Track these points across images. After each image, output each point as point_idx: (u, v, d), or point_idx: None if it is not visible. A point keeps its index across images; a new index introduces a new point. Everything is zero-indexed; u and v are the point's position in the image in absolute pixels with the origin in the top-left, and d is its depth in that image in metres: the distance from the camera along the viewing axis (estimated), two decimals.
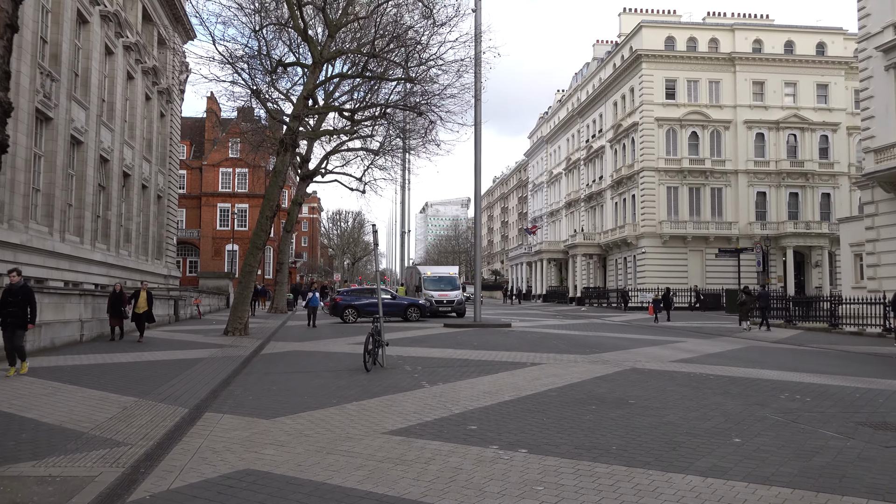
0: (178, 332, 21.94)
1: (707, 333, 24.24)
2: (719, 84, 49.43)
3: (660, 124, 48.69)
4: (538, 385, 10.86)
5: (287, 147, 22.29)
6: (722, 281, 46.42)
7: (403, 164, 37.76)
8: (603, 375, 12.05)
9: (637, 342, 19.82)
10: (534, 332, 23.82)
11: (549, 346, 18.18)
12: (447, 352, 16.29)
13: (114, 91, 29.96)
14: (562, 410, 8.76)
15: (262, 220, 22.11)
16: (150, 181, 36.50)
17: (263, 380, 11.78)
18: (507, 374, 12.31)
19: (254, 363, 14.41)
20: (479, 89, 22.84)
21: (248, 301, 21.46)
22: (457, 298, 33.29)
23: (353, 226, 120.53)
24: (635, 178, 50.16)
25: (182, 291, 32.67)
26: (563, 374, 12.26)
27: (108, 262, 28.95)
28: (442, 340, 19.78)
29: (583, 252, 57.79)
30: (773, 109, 49.31)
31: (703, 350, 17.69)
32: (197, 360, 13.93)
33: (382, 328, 13.63)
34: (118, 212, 31.18)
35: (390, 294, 30.18)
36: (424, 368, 13.13)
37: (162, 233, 39.84)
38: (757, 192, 49.40)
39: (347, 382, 11.33)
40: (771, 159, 49.32)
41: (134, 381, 11.08)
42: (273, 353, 16.46)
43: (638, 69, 49.56)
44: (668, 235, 47.67)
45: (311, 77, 22.45)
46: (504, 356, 15.35)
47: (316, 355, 15.91)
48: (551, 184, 74.93)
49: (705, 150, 49.01)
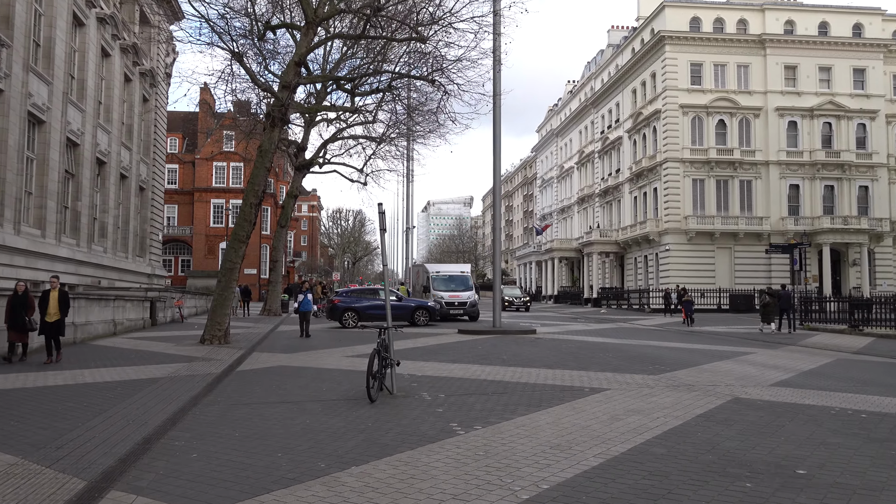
0: (145, 340, 18.50)
1: (762, 341, 20.74)
2: (748, 68, 45.83)
3: (684, 111, 45.11)
4: (624, 430, 7.40)
5: (275, 122, 18.82)
6: (752, 281, 42.94)
7: (408, 152, 34.13)
8: (706, 413, 8.55)
9: (698, 354, 16.35)
10: (566, 339, 20.36)
11: (597, 360, 14.72)
12: (472, 369, 12.84)
13: (85, 67, 26.69)
14: (698, 490, 5.29)
15: (246, 209, 18.72)
16: (131, 171, 33.14)
17: (226, 418, 8.33)
18: (567, 407, 8.86)
19: (223, 387, 10.98)
20: (498, 51, 19.34)
21: (228, 303, 18.00)
22: (470, 300, 29.80)
23: (353, 224, 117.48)
24: (657, 169, 46.58)
25: (162, 292, 29.19)
26: (646, 408, 8.79)
27: (77, 259, 25.60)
28: (460, 351, 16.35)
29: (599, 250, 54.18)
30: (806, 96, 45.73)
31: (790, 365, 14.22)
32: (149, 382, 10.53)
33: (392, 341, 10.19)
34: (91, 203, 27.87)
35: (396, 295, 26.78)
36: (449, 396, 9.70)
37: (145, 228, 36.51)
38: (789, 185, 45.81)
39: (344, 424, 7.89)
40: (804, 149, 45.72)
41: (39, 419, 7.72)
42: (252, 371, 13.02)
43: (661, 52, 45.98)
44: (694, 231, 44.12)
45: (303, 39, 18.99)
46: (548, 376, 11.90)
47: (305, 373, 12.46)
48: (562, 179, 71.33)
49: (734, 140, 45.44)
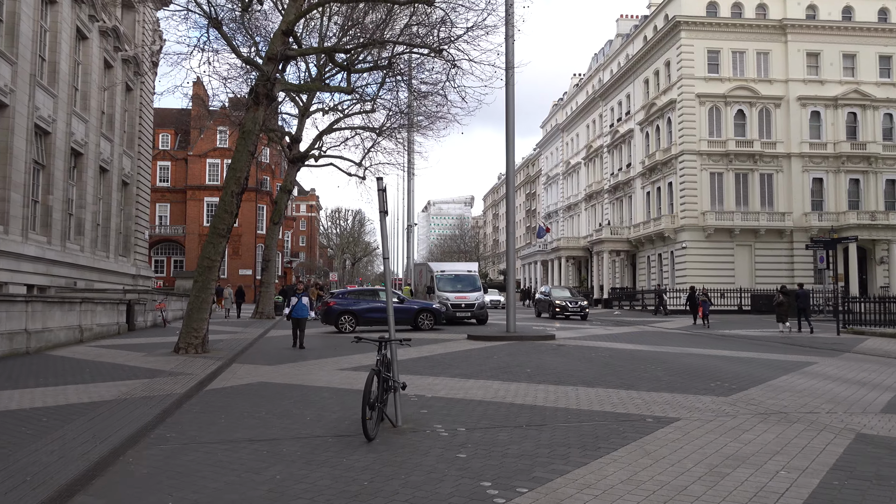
0: (113, 349, 16.09)
1: (810, 346, 18.31)
2: (769, 55, 43.34)
3: (701, 101, 42.64)
4: (742, 498, 5.00)
5: (260, 98, 16.42)
6: (774, 280, 40.29)
7: (409, 142, 31.55)
8: (839, 463, 6.12)
9: (755, 366, 13.94)
10: (592, 347, 17.93)
11: (641, 374, 12.29)
12: (493, 387, 10.45)
13: (57, 49, 24.37)
14: None
15: (227, 199, 16.33)
16: (113, 164, 30.76)
17: (166, 469, 5.93)
18: (636, 450, 6.47)
19: (182, 413, 8.60)
20: (511, 16, 16.97)
21: (206, 306, 15.59)
22: (477, 302, 27.34)
23: (353, 224, 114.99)
24: (673, 162, 44.12)
25: (143, 294, 26.79)
26: (748, 452, 6.39)
27: (47, 258, 23.26)
28: (475, 363, 13.93)
29: (609, 248, 51.67)
30: (829, 84, 43.24)
31: (876, 381, 11.81)
32: (89, 409, 8.17)
33: (395, 358, 7.78)
34: (65, 197, 25.53)
35: (398, 297, 24.38)
36: (471, 431, 7.32)
37: (129, 225, 34.15)
38: (812, 179, 43.27)
39: (330, 481, 5.50)
40: (828, 141, 43.22)
41: None
42: (225, 390, 10.63)
43: (676, 39, 43.52)
44: (713, 228, 41.63)
45: (292, 4, 16.61)
46: (591, 398, 9.50)
47: (289, 394, 10.06)
48: (568, 175, 68.84)
49: (753, 131, 42.96)
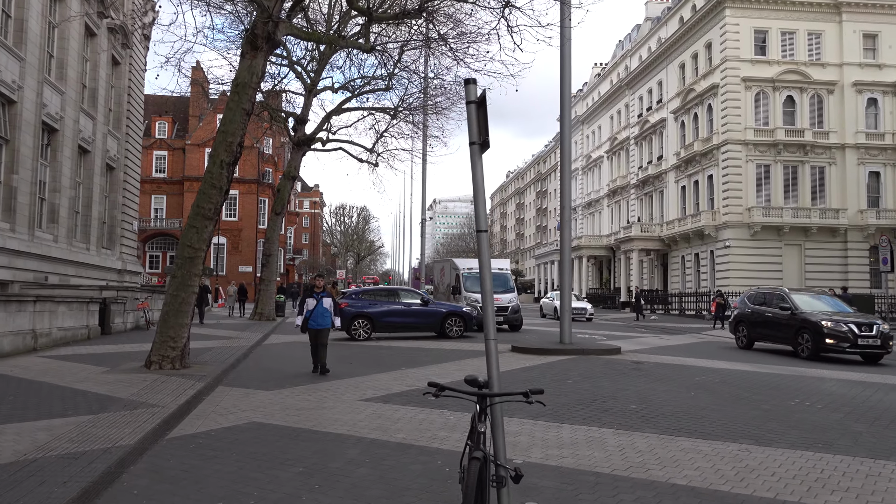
0: (70, 361, 12.39)
1: None
2: (821, 37, 39.57)
3: (747, 86, 38.86)
4: None
5: (259, 42, 12.71)
6: (826, 283, 36.50)
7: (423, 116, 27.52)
8: None
9: None
10: (678, 366, 14.14)
11: (804, 416, 8.51)
12: (610, 444, 6.74)
13: (26, 5, 20.64)
14: None
15: (215, 170, 12.78)
16: (95, 145, 27.01)
17: None
18: None
19: (116, 491, 4.82)
20: None
21: (186, 309, 11.87)
22: (511, 305, 23.56)
23: (357, 221, 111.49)
24: (714, 153, 40.30)
25: (122, 292, 23.07)
26: None
27: (10, 248, 19.50)
28: (548, 392, 10.11)
29: (640, 247, 47.81)
30: (888, 69, 39.47)
31: None
32: None
33: (502, 425, 4.04)
34: (33, 178, 21.77)
35: (420, 297, 20.64)
36: None
37: (115, 214, 30.40)
38: (869, 172, 39.51)
39: None
40: (887, 131, 39.45)
41: None
42: (197, 437, 6.90)
43: (719, 17, 39.73)
44: (759, 225, 37.85)
45: None
46: (773, 468, 5.73)
47: (295, 452, 6.28)
48: (588, 170, 64.99)
49: (804, 119, 39.18)
